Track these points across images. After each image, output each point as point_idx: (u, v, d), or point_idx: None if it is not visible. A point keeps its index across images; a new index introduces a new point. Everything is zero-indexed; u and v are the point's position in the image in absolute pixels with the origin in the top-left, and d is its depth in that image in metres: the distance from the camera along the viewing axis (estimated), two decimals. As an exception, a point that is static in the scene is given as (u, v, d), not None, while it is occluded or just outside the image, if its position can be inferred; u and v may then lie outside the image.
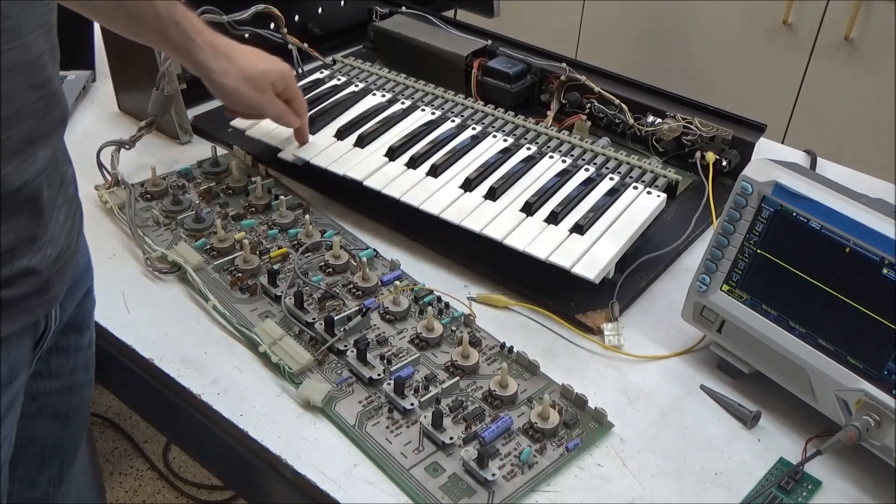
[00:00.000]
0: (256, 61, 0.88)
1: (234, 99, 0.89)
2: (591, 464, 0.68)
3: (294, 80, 0.93)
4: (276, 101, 0.90)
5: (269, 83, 0.89)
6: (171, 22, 0.82)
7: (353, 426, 0.69)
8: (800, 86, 2.00)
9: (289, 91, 0.91)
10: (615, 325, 0.80)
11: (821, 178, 0.70)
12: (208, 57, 0.85)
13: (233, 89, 0.87)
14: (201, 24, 0.85)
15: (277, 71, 0.89)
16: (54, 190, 0.58)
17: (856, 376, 0.66)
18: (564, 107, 1.09)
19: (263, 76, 0.88)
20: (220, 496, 1.65)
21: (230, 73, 0.86)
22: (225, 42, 0.87)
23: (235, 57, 0.86)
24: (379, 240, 0.91)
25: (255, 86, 0.87)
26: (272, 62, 0.90)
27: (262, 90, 0.88)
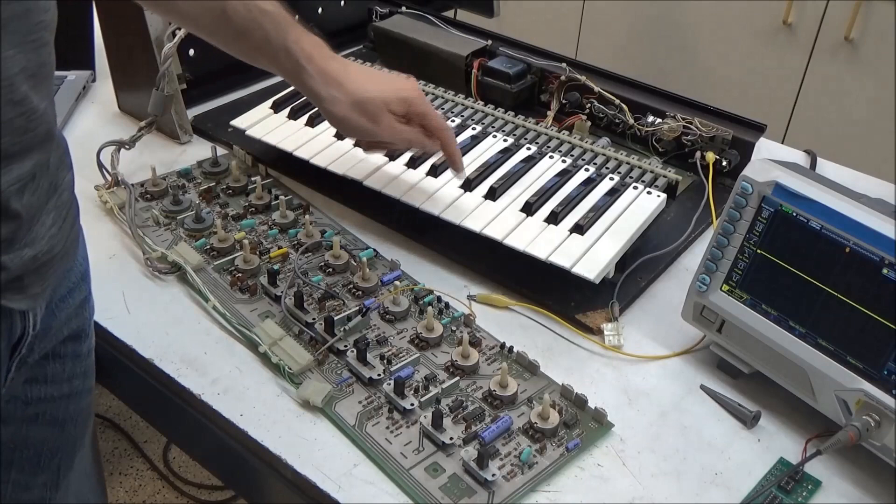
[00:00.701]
0: (369, 84, 0.80)
1: (346, 128, 0.82)
2: (591, 464, 0.68)
3: (423, 99, 0.82)
4: (396, 128, 0.81)
5: (383, 107, 0.79)
6: (280, 48, 0.77)
7: (353, 426, 0.69)
8: (800, 86, 2.01)
9: (417, 113, 0.81)
10: (615, 325, 0.80)
11: (821, 178, 0.70)
12: (319, 85, 0.79)
13: (341, 118, 0.80)
14: (314, 49, 0.79)
15: (394, 92, 0.80)
16: (39, 196, 0.57)
17: (856, 376, 0.66)
18: (564, 107, 1.09)
19: (374, 100, 0.79)
20: (220, 496, 1.65)
21: (339, 100, 0.79)
22: (339, 66, 0.80)
23: (347, 82, 0.79)
24: (379, 240, 0.91)
25: (366, 112, 0.79)
26: (388, 84, 0.81)
27: (374, 117, 0.79)
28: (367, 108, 0.79)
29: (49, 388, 0.70)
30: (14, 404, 0.68)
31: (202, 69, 1.09)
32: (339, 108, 0.79)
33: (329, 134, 0.98)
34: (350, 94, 0.79)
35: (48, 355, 0.68)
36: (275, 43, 0.77)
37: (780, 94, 2.03)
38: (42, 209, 0.58)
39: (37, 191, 0.57)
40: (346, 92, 0.79)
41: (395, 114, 0.80)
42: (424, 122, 0.82)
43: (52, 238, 0.60)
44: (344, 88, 0.79)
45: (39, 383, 0.69)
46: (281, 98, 1.04)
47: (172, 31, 0.97)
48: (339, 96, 0.79)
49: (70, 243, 0.64)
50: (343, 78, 0.79)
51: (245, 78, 1.16)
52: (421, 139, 0.83)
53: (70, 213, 0.64)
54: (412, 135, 0.82)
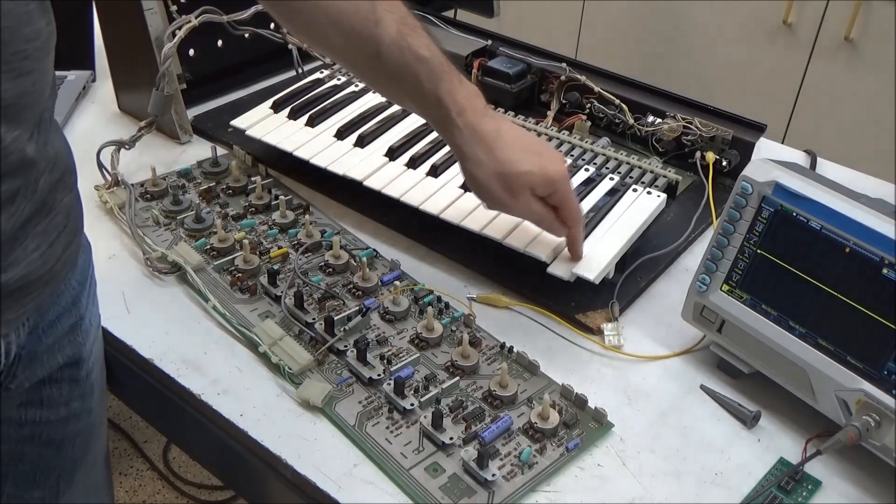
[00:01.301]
0: (520, 158, 0.74)
1: (483, 194, 0.78)
2: (591, 464, 0.68)
3: (567, 184, 0.77)
4: (532, 207, 0.76)
5: (527, 186, 0.75)
6: (433, 97, 0.74)
7: (353, 426, 0.69)
8: (800, 86, 2.01)
9: (557, 197, 0.77)
10: (615, 325, 0.80)
11: (821, 178, 0.70)
12: (466, 142, 0.74)
13: (481, 183, 0.76)
14: (469, 102, 0.75)
15: (542, 174, 0.75)
16: (17, 220, 0.55)
17: (856, 376, 0.66)
18: (564, 107, 1.09)
19: (521, 178, 0.74)
20: (220, 496, 1.65)
21: (484, 165, 0.74)
22: (492, 127, 0.75)
23: (497, 148, 0.74)
24: (379, 240, 0.91)
25: (508, 187, 0.75)
26: (539, 162, 0.75)
27: (515, 193, 0.75)
28: (512, 183, 0.75)
29: (45, 412, 0.69)
30: (8, 425, 0.67)
31: (202, 69, 1.09)
32: (481, 174, 0.75)
33: (329, 134, 0.98)
34: (497, 164, 0.74)
35: (44, 381, 0.67)
36: (427, 91, 0.74)
37: (780, 94, 2.03)
38: (23, 233, 0.56)
39: (14, 214, 0.54)
40: (494, 159, 0.74)
41: (537, 193, 0.76)
42: (561, 207, 0.78)
43: (32, 263, 0.58)
44: (493, 155, 0.74)
45: (35, 407, 0.68)
46: (281, 98, 1.04)
47: (172, 31, 0.97)
48: (486, 161, 0.74)
49: (60, 267, 0.62)
50: (494, 141, 0.74)
51: (245, 78, 1.16)
52: (551, 223, 0.78)
53: (62, 237, 0.61)
54: (544, 216, 0.78)
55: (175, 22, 0.98)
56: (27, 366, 0.64)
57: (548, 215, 0.78)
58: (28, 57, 0.52)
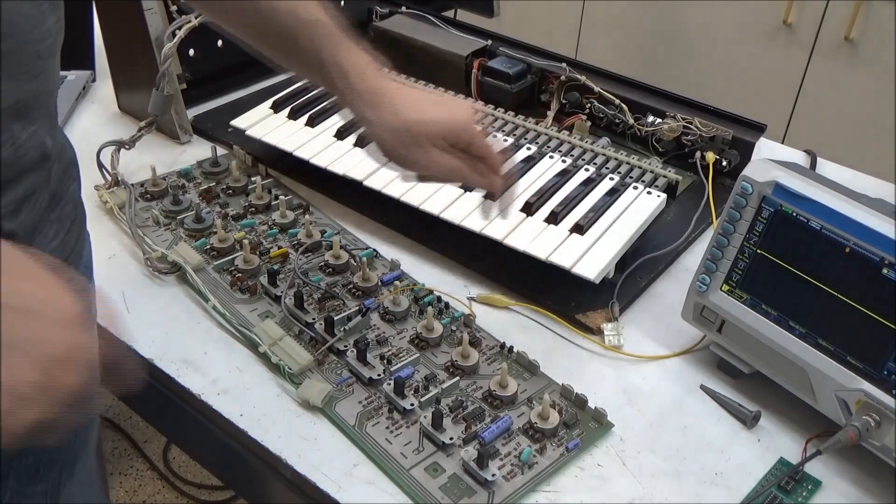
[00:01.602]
0: (417, 109, 0.70)
1: (392, 155, 0.72)
2: (591, 464, 0.68)
3: (474, 132, 0.72)
4: (438, 158, 0.71)
5: (429, 136, 0.70)
6: (331, 63, 0.70)
7: (353, 426, 0.69)
8: (800, 86, 2.01)
9: (472, 146, 0.72)
10: (615, 325, 0.80)
11: (821, 178, 0.70)
12: (366, 105, 0.70)
13: (387, 143, 0.71)
14: (366, 65, 0.71)
15: (443, 120, 0.70)
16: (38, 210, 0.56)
17: (856, 376, 0.66)
18: (564, 107, 1.09)
19: (419, 127, 0.70)
20: (220, 496, 1.65)
21: (381, 123, 0.70)
22: (393, 87, 0.71)
23: (394, 105, 0.70)
24: (379, 240, 0.91)
25: (408, 139, 0.70)
26: (439, 110, 0.72)
27: (423, 146, 0.70)
28: (411, 135, 0.70)
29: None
30: None
31: (202, 69, 1.09)
32: (386, 133, 0.70)
33: (329, 134, 0.98)
34: (399, 120, 0.70)
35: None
36: (326, 59, 0.70)
37: (780, 94, 2.03)
38: (43, 222, 0.57)
39: (35, 206, 0.55)
40: (391, 115, 0.70)
41: (444, 144, 0.71)
42: (482, 157, 0.73)
43: (55, 251, 0.59)
44: (390, 111, 0.70)
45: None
46: (281, 98, 1.04)
47: (172, 31, 0.97)
48: (389, 119, 0.70)
49: (74, 256, 0.63)
50: (391, 100, 0.70)
51: (245, 78, 1.16)
52: (467, 174, 0.73)
53: (74, 225, 0.62)
54: (459, 169, 0.72)
55: (175, 22, 0.98)
56: None
57: (463, 167, 0.72)
58: (41, 56, 0.52)
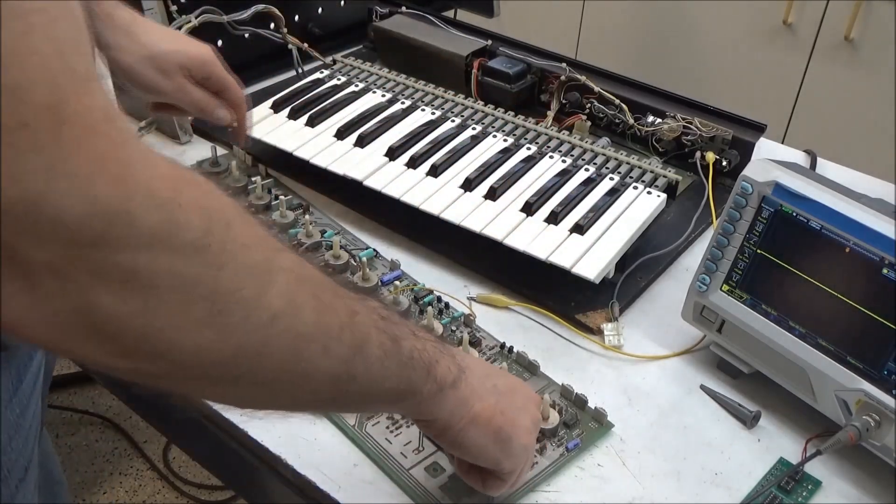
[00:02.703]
0: (162, 40, 0.77)
1: (136, 80, 0.77)
2: (591, 464, 0.68)
3: (220, 68, 0.80)
4: (189, 90, 0.79)
5: (180, 66, 0.77)
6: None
7: (353, 426, 0.69)
8: (800, 86, 2.00)
9: (215, 80, 0.80)
10: (615, 325, 0.80)
11: (821, 178, 0.70)
12: (105, 28, 0.73)
13: (130, 68, 0.75)
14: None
15: (192, 54, 0.77)
16: None
17: (856, 376, 0.66)
18: (564, 107, 1.09)
19: (169, 57, 0.76)
20: (220, 496, 1.65)
21: (128, 50, 0.75)
22: (129, 16, 0.76)
23: (140, 33, 0.75)
24: (379, 240, 0.91)
25: (159, 68, 0.76)
26: (187, 44, 0.79)
27: (168, 74, 0.76)
28: (162, 63, 0.76)
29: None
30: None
31: (202, 69, 1.09)
32: (126, 57, 0.75)
33: (329, 134, 0.98)
34: (141, 47, 0.75)
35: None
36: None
37: (780, 94, 2.03)
38: None
39: None
40: (137, 43, 0.75)
41: (194, 77, 0.78)
42: (223, 90, 0.81)
43: None
44: (137, 38, 0.75)
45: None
46: (281, 98, 1.04)
47: (172, 31, 0.97)
48: (130, 44, 0.75)
49: None
50: (135, 27, 0.76)
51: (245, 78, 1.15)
52: (214, 107, 0.81)
53: None
54: (207, 102, 0.80)
55: (175, 22, 0.98)
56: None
57: (211, 100, 0.80)
58: None
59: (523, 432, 0.56)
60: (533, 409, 0.59)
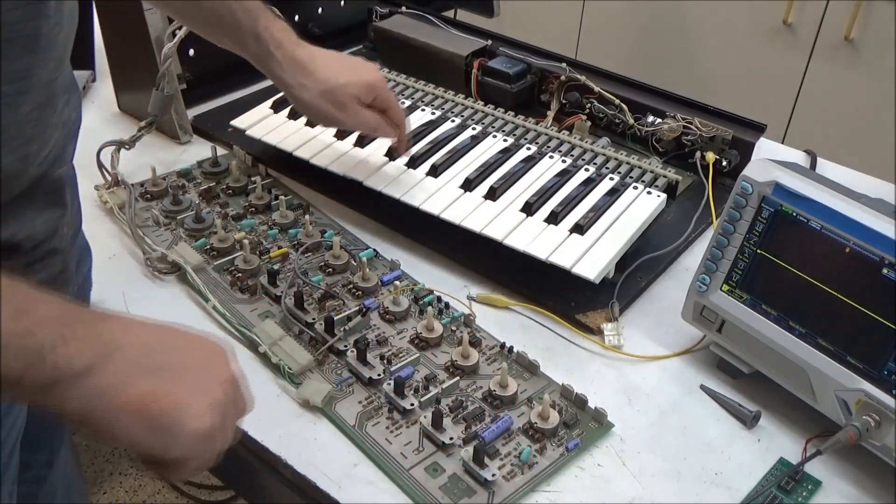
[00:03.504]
0: (338, 74, 0.83)
1: (314, 114, 0.86)
2: (591, 464, 0.68)
3: (386, 89, 0.87)
4: (361, 115, 0.85)
5: (352, 97, 0.84)
6: (250, 33, 0.80)
7: (353, 426, 0.69)
8: (800, 86, 2.00)
9: (381, 101, 0.86)
10: (615, 325, 0.80)
11: (821, 178, 0.70)
12: (286, 73, 0.82)
13: (308, 104, 0.84)
14: (284, 35, 0.82)
15: (361, 83, 0.84)
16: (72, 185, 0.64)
17: (856, 376, 0.66)
18: (564, 107, 1.09)
19: (343, 90, 0.83)
20: (220, 496, 1.65)
21: (308, 88, 0.83)
22: (307, 54, 0.83)
23: (316, 70, 0.83)
24: (379, 240, 0.91)
25: (335, 101, 0.83)
26: (356, 73, 0.85)
27: (342, 105, 0.83)
28: (337, 97, 0.83)
29: None
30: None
31: (202, 69, 1.09)
32: (306, 95, 0.83)
33: (329, 134, 0.98)
34: (321, 83, 0.82)
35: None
36: (245, 28, 0.80)
37: (780, 94, 2.03)
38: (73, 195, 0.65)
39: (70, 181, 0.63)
40: (315, 80, 0.82)
41: (363, 102, 0.84)
42: (387, 109, 0.86)
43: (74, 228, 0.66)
44: (314, 77, 0.82)
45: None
46: (281, 98, 1.04)
47: (172, 31, 0.97)
48: (308, 83, 0.82)
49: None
50: (312, 65, 0.83)
51: (245, 78, 1.16)
52: (384, 127, 0.87)
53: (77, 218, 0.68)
54: (377, 123, 0.86)
55: (175, 22, 0.98)
56: None
57: (380, 121, 0.86)
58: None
59: (194, 415, 0.50)
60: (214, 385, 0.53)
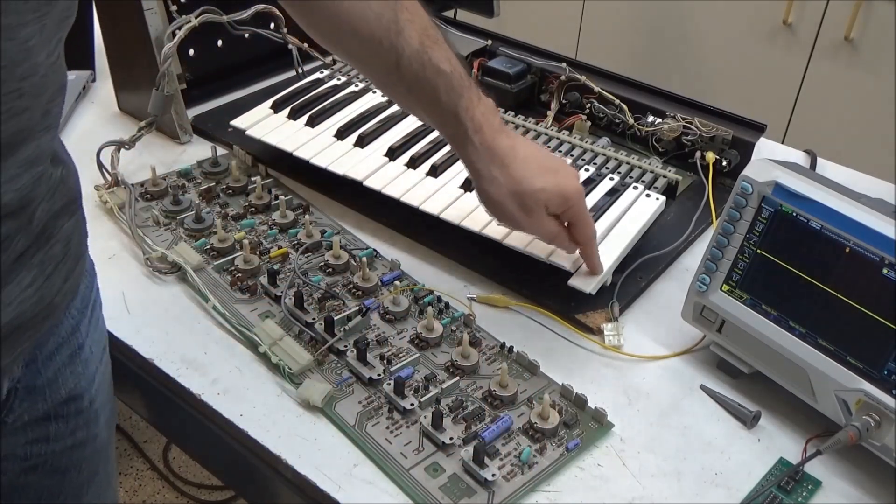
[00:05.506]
0: (535, 175, 0.74)
1: (496, 212, 0.77)
2: (591, 464, 0.68)
3: (582, 201, 0.76)
4: (545, 224, 0.76)
5: (542, 204, 0.74)
6: (450, 113, 0.73)
7: (353, 426, 0.69)
8: (800, 86, 2.01)
9: (572, 215, 0.76)
10: (615, 325, 0.80)
11: (821, 178, 0.70)
12: (480, 160, 0.74)
13: (496, 202, 0.75)
14: (486, 119, 0.74)
15: (557, 192, 0.74)
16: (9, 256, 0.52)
17: (856, 376, 0.66)
18: (564, 107, 1.09)
19: (535, 196, 0.73)
20: (220, 496, 1.65)
21: (498, 183, 0.74)
22: (507, 145, 0.74)
23: (512, 165, 0.73)
24: (379, 240, 0.91)
25: (523, 204, 0.74)
26: (554, 178, 0.74)
27: (529, 210, 0.74)
28: (526, 201, 0.74)
29: (51, 446, 0.66)
30: (11, 460, 0.64)
31: (202, 69, 1.09)
32: (496, 192, 0.74)
33: (329, 134, 0.98)
34: (513, 182, 0.73)
35: (49, 417, 0.64)
36: (445, 107, 0.73)
37: (780, 94, 2.03)
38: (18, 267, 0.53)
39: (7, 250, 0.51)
40: (509, 177, 0.74)
41: (552, 211, 0.75)
42: (574, 224, 0.77)
43: (27, 301, 0.54)
44: (508, 172, 0.73)
45: (41, 443, 0.65)
46: (281, 98, 1.04)
47: (172, 31, 0.97)
48: (500, 178, 0.74)
49: (60, 299, 0.59)
50: (509, 159, 0.73)
51: (245, 78, 1.16)
52: (564, 241, 0.78)
53: (61, 267, 0.58)
54: (557, 234, 0.77)
55: (175, 22, 0.98)
56: (25, 398, 0.61)
57: (561, 233, 0.77)
58: (23, 95, 0.48)
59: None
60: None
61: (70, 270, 0.60)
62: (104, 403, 0.71)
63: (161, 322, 0.79)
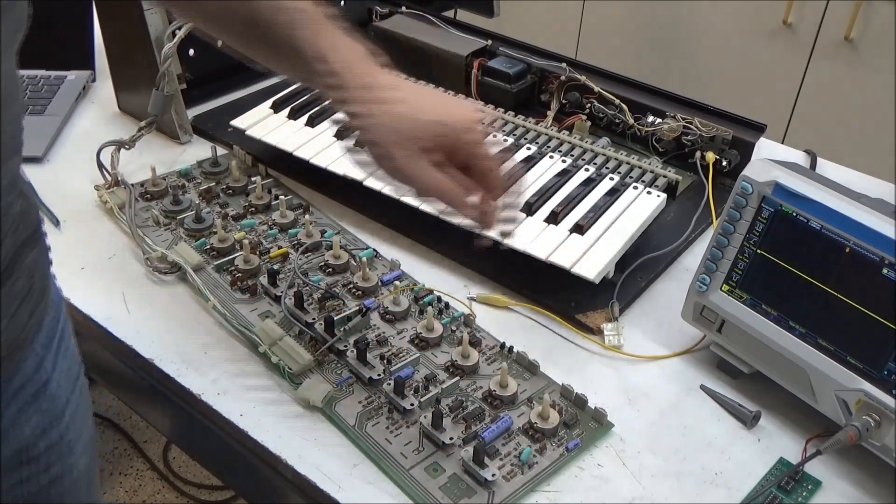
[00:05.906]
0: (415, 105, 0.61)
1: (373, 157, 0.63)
2: (591, 464, 0.68)
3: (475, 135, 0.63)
4: (427, 175, 0.62)
5: (424, 142, 0.61)
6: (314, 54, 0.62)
7: (353, 426, 0.69)
8: (800, 86, 2.01)
9: (472, 159, 0.63)
10: (615, 325, 0.80)
11: (821, 178, 0.70)
12: (352, 97, 0.61)
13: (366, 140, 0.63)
14: (354, 53, 0.62)
15: (443, 123, 0.61)
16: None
17: (856, 376, 0.66)
18: (564, 107, 1.09)
19: (412, 126, 0.60)
20: (220, 496, 1.65)
21: (380, 125, 0.61)
22: (384, 79, 0.62)
23: (389, 98, 0.61)
24: (379, 240, 0.91)
25: (399, 141, 0.61)
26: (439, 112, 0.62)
27: (407, 150, 0.61)
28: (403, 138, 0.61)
29: (25, 486, 0.62)
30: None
31: (202, 69, 1.09)
32: (379, 135, 0.62)
33: (329, 134, 0.98)
34: (388, 116, 0.61)
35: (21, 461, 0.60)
36: (307, 48, 0.61)
37: (780, 94, 2.03)
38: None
39: None
40: (384, 111, 0.61)
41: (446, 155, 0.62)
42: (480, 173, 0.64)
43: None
44: (382, 107, 0.61)
45: (15, 488, 0.61)
46: (281, 98, 1.04)
47: (172, 31, 0.97)
48: (381, 117, 0.61)
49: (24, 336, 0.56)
50: (392, 92, 0.62)
51: (245, 78, 1.16)
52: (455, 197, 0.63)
53: (25, 304, 0.54)
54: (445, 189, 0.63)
55: (175, 22, 0.98)
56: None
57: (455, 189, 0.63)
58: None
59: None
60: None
61: (36, 304, 0.57)
62: (79, 432, 0.67)
63: (161, 322, 0.79)
